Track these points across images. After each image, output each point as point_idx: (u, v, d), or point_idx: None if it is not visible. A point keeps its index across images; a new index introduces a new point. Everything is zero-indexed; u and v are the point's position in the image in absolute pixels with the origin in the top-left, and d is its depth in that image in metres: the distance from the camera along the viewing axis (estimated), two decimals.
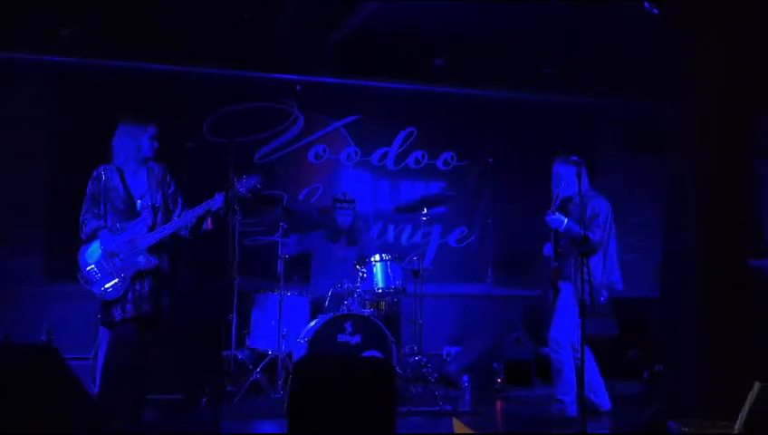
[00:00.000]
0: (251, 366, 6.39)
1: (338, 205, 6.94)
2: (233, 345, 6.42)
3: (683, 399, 4.32)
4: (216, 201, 5.04)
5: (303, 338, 6.09)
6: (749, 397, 1.63)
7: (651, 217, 7.65)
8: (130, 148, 5.11)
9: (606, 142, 8.66)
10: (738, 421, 1.60)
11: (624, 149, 8.60)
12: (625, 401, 6.34)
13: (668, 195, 4.87)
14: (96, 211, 5.05)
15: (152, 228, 5.03)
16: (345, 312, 6.18)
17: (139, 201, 5.10)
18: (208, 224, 5.15)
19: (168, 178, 5.21)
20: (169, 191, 5.19)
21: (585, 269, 5.35)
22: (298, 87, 7.88)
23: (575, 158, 5.43)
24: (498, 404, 6.66)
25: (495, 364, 7.22)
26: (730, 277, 4.44)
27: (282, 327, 6.27)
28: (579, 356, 5.60)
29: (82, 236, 5.07)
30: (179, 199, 5.20)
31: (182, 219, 5.06)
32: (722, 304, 4.39)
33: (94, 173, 5.13)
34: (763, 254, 6.73)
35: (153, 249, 5.03)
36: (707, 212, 4.38)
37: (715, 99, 4.20)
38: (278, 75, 7.80)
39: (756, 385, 1.65)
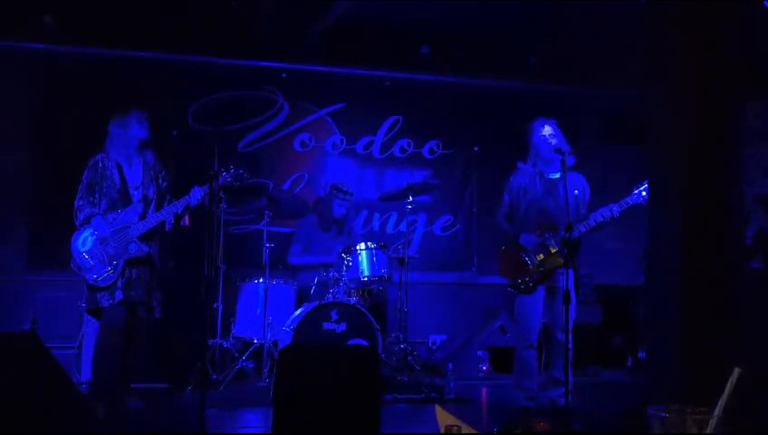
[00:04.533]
0: (236, 354, 6.40)
1: (340, 195, 6.94)
2: (218, 334, 6.42)
3: (666, 386, 4.35)
4: (194, 196, 5.11)
5: (289, 326, 6.09)
6: (728, 384, 1.64)
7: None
8: (121, 139, 5.21)
9: (589, 131, 8.69)
10: (717, 408, 1.62)
11: (607, 137, 8.64)
12: (609, 387, 6.38)
13: (652, 182, 4.89)
14: (91, 199, 5.14)
15: (143, 217, 5.13)
16: (331, 300, 6.18)
17: (133, 192, 5.20)
18: (186, 220, 5.23)
19: (163, 173, 5.36)
20: (163, 185, 5.33)
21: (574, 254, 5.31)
22: (283, 75, 7.87)
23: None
24: (483, 391, 6.69)
25: (480, 352, 7.26)
26: (714, 264, 4.46)
27: (267, 315, 6.27)
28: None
29: (77, 223, 5.14)
30: (168, 196, 5.32)
31: (162, 213, 5.16)
32: (705, 291, 4.41)
33: (91, 161, 5.23)
34: (749, 242, 6.79)
35: (144, 238, 5.13)
36: (691, 199, 4.40)
37: (698, 85, 4.21)
38: (263, 63, 7.77)
39: (735, 371, 1.67)
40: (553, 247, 5.42)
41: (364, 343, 6.00)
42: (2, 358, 3.41)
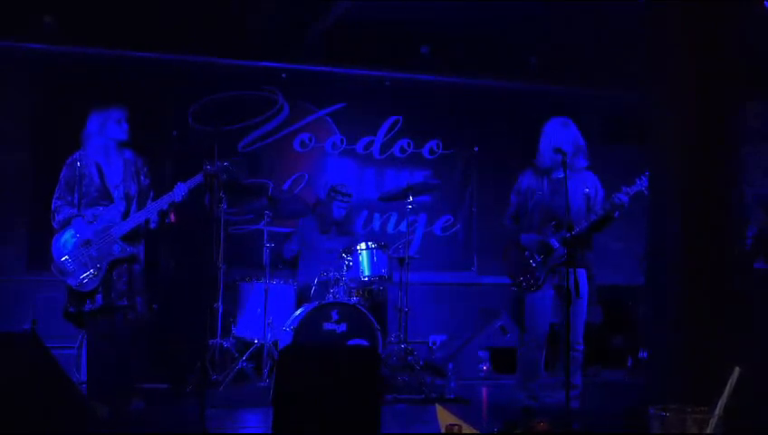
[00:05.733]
0: (236, 355, 6.39)
1: (339, 196, 6.91)
2: (218, 334, 6.41)
3: (666, 386, 4.35)
4: (177, 192, 5.01)
5: (289, 326, 6.09)
6: (728, 383, 1.64)
7: (636, 204, 7.69)
8: (99, 137, 5.07)
9: (589, 131, 8.67)
10: (717, 407, 1.62)
11: (607, 137, 8.63)
12: (609, 387, 6.38)
13: (652, 182, 4.89)
14: (69, 198, 5.01)
15: (125, 216, 5.00)
16: (331, 300, 6.18)
17: (114, 190, 5.06)
18: (171, 218, 5.12)
19: (145, 170, 5.20)
20: (144, 183, 5.17)
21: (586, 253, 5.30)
22: (283, 75, 7.87)
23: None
24: (484, 391, 6.69)
25: (481, 352, 7.26)
26: (714, 264, 4.46)
27: (267, 316, 6.27)
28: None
29: (54, 225, 5.01)
30: (151, 193, 5.18)
31: (145, 211, 5.03)
32: (705, 291, 4.41)
33: (69, 159, 5.09)
34: (749, 241, 6.78)
35: (128, 238, 4.99)
36: (691, 199, 4.40)
37: (698, 85, 4.21)
38: (263, 63, 7.77)
39: (735, 371, 1.67)
40: (554, 245, 5.41)
41: (364, 343, 6.01)
42: (2, 358, 3.41)
